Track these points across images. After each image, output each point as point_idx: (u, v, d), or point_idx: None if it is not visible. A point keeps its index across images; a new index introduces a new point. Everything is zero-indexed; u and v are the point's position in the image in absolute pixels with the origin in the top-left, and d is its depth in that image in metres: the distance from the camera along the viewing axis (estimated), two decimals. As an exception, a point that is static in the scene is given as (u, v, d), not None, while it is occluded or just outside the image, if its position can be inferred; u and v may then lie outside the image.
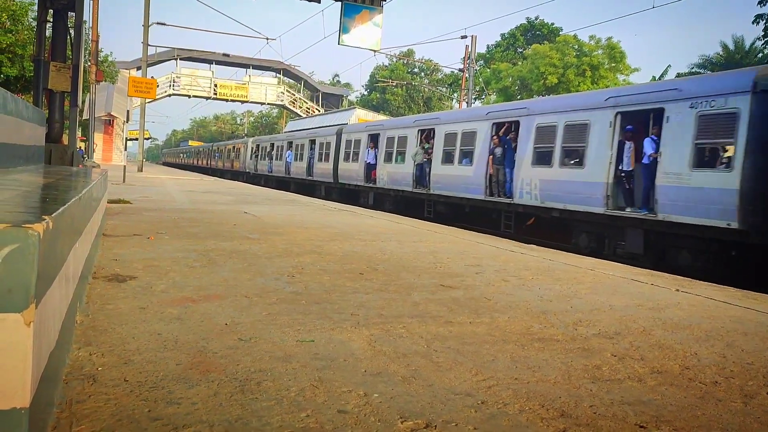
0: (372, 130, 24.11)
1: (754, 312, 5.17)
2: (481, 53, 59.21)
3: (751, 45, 42.55)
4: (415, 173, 19.68)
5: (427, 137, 19.64)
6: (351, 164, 24.97)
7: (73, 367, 2.87)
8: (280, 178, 35.40)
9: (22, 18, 26.36)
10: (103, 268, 5.34)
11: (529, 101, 17.82)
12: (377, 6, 19.53)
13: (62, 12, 12.78)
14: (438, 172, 18.48)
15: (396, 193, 21.28)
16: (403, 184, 20.47)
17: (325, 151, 27.84)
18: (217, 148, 59.19)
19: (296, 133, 34.68)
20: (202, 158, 66.49)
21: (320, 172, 28.42)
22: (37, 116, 9.23)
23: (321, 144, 28.61)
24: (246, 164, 44.12)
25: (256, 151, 41.32)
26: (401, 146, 21.07)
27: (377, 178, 22.52)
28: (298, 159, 32.04)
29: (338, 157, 26.24)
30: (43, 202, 3.11)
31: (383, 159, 22.21)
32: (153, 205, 12.47)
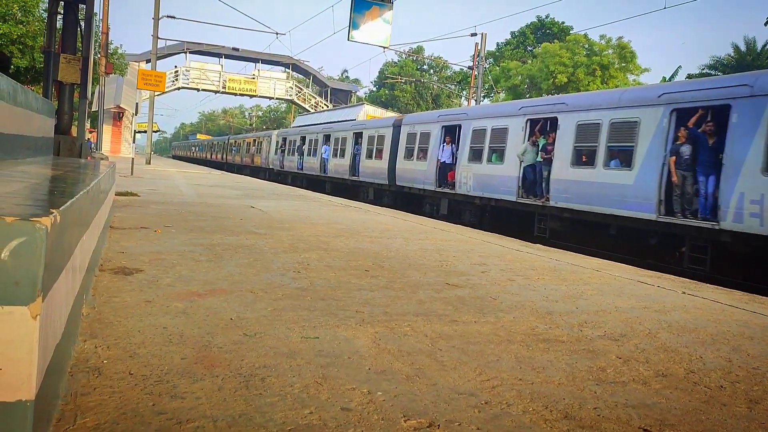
0: (448, 120, 19.20)
1: (761, 316, 5.15)
2: (490, 51, 59.09)
3: (763, 47, 42.30)
4: (523, 177, 14.99)
5: (542, 129, 15.00)
6: (415, 163, 20.18)
7: (79, 360, 2.88)
8: (313, 177, 30.69)
9: (33, 9, 26.45)
10: (109, 261, 5.37)
11: None
12: (387, 2, 19.51)
13: (73, 4, 12.80)
14: (564, 176, 13.56)
15: (486, 201, 16.49)
16: (501, 191, 15.70)
17: (377, 147, 23.23)
18: (234, 142, 54.98)
19: (335, 125, 30.23)
20: (216, 152, 62.87)
21: (369, 171, 23.79)
22: (46, 108, 9.26)
23: (370, 138, 23.90)
24: (269, 160, 40.00)
25: (282, 145, 37.06)
26: (497, 141, 16.22)
27: (457, 181, 17.61)
28: (338, 155, 27.18)
29: (396, 153, 21.57)
30: (51, 194, 3.12)
31: (467, 157, 17.28)
32: (160, 198, 12.51)
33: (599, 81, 46.78)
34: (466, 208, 17.73)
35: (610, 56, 47.97)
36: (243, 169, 47.93)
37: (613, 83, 46.54)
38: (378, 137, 23.29)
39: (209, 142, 73.33)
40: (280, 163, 36.94)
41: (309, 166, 31.48)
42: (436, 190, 18.87)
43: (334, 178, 27.96)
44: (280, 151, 37.34)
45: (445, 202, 18.51)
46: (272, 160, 39.25)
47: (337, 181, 27.52)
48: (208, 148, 71.06)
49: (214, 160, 62.17)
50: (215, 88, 57.36)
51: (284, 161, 36.34)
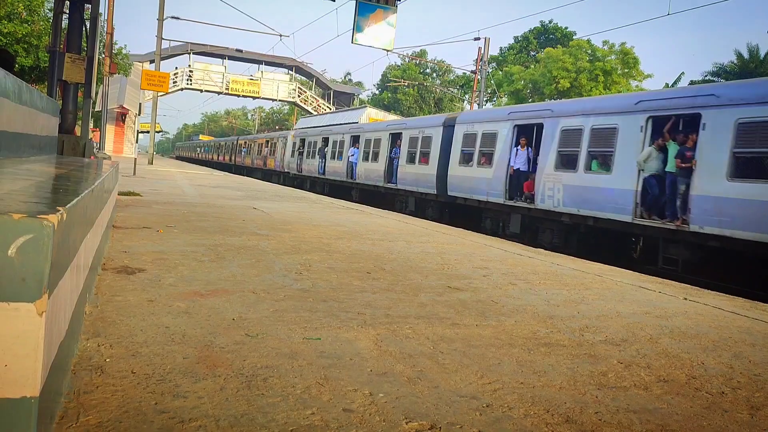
0: (523, 117, 15.69)
1: (763, 323, 5.14)
2: (493, 55, 59.18)
3: (766, 54, 42.29)
4: (644, 191, 11.77)
5: (673, 130, 11.56)
6: (475, 169, 16.91)
7: (82, 358, 2.89)
8: (338, 183, 27.67)
9: (39, 9, 26.52)
10: (112, 260, 5.38)
11: None
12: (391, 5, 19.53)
13: (78, 4, 12.82)
14: (714, 192, 10.30)
15: (580, 220, 13.23)
16: (607, 207, 12.40)
17: (421, 150, 20.04)
18: (244, 143, 51.81)
19: (365, 125, 27.63)
20: (224, 153, 59.62)
21: (410, 178, 20.63)
22: (51, 107, 9.28)
23: (412, 139, 20.78)
24: (285, 163, 36.73)
25: (300, 146, 33.84)
26: (600, 144, 12.92)
27: (538, 193, 14.22)
28: (370, 159, 24.01)
29: (447, 157, 18.33)
30: (56, 192, 3.14)
31: (553, 164, 13.95)
32: (163, 199, 12.53)
33: (602, 87, 46.80)
34: (547, 226, 14.22)
35: (612, 62, 47.99)
36: (254, 172, 44.82)
37: (615, 89, 46.55)
38: (423, 139, 20.10)
39: (216, 143, 70.23)
40: (298, 167, 33.95)
41: (333, 170, 28.26)
42: (504, 203, 15.52)
43: (364, 185, 24.66)
44: (297, 154, 34.23)
45: (517, 218, 15.15)
46: (288, 163, 36.06)
47: (368, 189, 24.38)
48: (214, 149, 67.98)
49: (222, 161, 59.45)
50: (218, 89, 57.42)
51: (302, 164, 33.27)
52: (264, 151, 43.37)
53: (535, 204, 14.33)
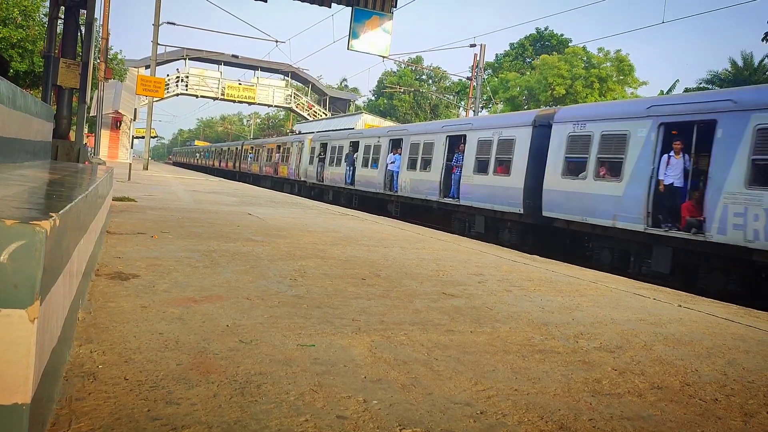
0: (673, 113, 11.59)
1: (756, 330, 5.16)
2: (489, 62, 59.36)
3: (760, 62, 42.52)
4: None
5: None
6: (592, 183, 12.76)
7: (74, 364, 2.87)
8: (372, 195, 23.60)
9: (34, 14, 26.52)
10: (106, 266, 5.36)
11: None
12: (387, 12, 19.57)
13: (74, 9, 12.84)
14: None
15: None
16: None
17: (497, 156, 15.93)
18: (250, 148, 46.90)
19: (411, 127, 23.34)
20: (227, 160, 55.03)
21: (481, 192, 16.39)
22: (45, 112, 9.26)
23: (482, 143, 16.63)
24: (300, 170, 32.57)
25: (321, 152, 29.42)
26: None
27: (711, 219, 10.22)
28: (419, 167, 19.89)
29: (541, 166, 14.20)
30: (49, 198, 3.12)
31: (743, 177, 9.83)
32: (157, 204, 12.50)
33: (597, 94, 46.98)
34: (723, 267, 10.41)
35: (608, 69, 48.18)
36: (262, 180, 40.76)
37: (611, 96, 46.74)
38: (500, 142, 15.96)
39: (217, 148, 64.04)
40: (318, 175, 29.50)
41: (365, 180, 23.96)
42: (644, 231, 11.42)
43: (408, 199, 20.61)
44: (317, 160, 29.73)
45: (665, 253, 11.22)
46: (305, 171, 31.65)
47: (414, 203, 20.49)
48: (216, 154, 62.47)
49: (224, 168, 54.87)
50: (214, 95, 57.48)
51: (325, 173, 28.75)
52: (275, 157, 38.63)
53: (705, 234, 10.21)
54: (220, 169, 56.23)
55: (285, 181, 35.96)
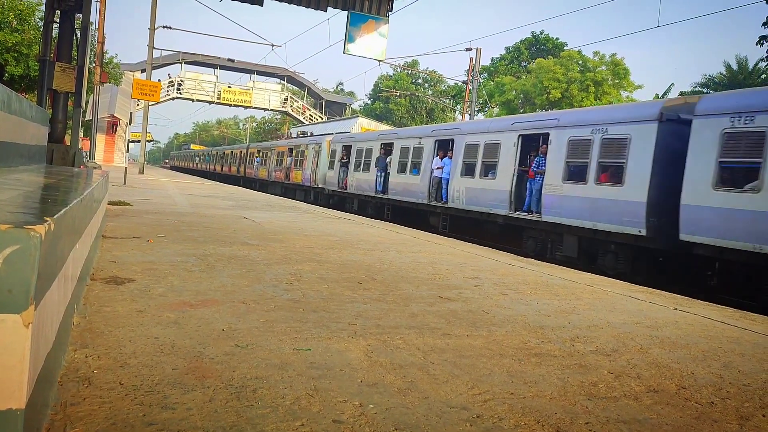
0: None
1: (752, 333, 5.17)
2: (485, 66, 59.51)
3: (754, 66, 42.71)
4: None
5: None
6: None
7: (69, 369, 2.86)
8: (411, 206, 20.39)
9: (29, 18, 26.46)
10: (101, 270, 5.34)
11: None
12: (383, 16, 19.60)
13: (69, 13, 12.83)
14: None
15: None
16: None
17: (602, 161, 12.59)
18: (257, 152, 43.35)
19: (464, 126, 19.36)
20: (230, 164, 51.67)
21: (573, 205, 13.07)
22: (40, 116, 9.24)
23: (574, 144, 13.30)
24: (318, 176, 29.40)
25: (344, 156, 26.22)
26: None
27: None
28: (478, 173, 16.50)
29: (671, 175, 11.20)
30: (44, 203, 3.12)
31: None
32: (153, 208, 12.48)
33: (593, 97, 47.13)
34: None
35: (603, 72, 48.34)
36: (270, 187, 37.31)
37: (606, 99, 46.88)
38: (603, 143, 12.57)
39: (220, 152, 59.45)
40: (340, 182, 26.26)
41: (401, 188, 20.75)
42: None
43: (463, 211, 17.14)
44: (339, 165, 26.47)
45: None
46: (324, 177, 28.41)
47: (471, 217, 16.95)
48: (217, 158, 58.58)
49: (227, 173, 51.58)
50: (210, 99, 57.40)
51: (349, 179, 25.32)
52: (286, 161, 35.03)
53: None
54: (222, 174, 52.82)
55: (298, 187, 32.52)
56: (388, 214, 21.85)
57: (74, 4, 12.60)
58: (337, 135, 30.53)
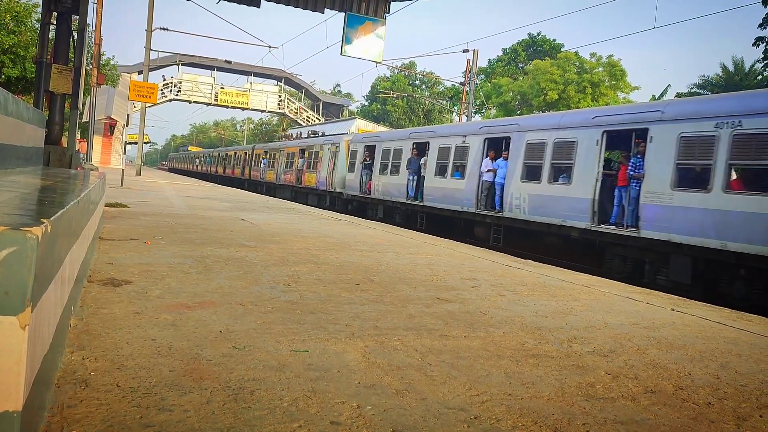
0: None
1: (748, 333, 5.18)
2: (482, 67, 59.54)
3: (750, 67, 42.82)
4: None
5: None
6: None
7: (66, 371, 2.86)
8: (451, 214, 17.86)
9: (26, 19, 26.45)
10: (98, 272, 5.33)
11: None
12: (380, 18, 19.62)
13: (66, 15, 12.82)
14: None
15: None
16: None
17: (733, 162, 10.11)
18: (263, 153, 40.04)
19: (523, 121, 16.61)
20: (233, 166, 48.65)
21: (690, 219, 10.51)
22: (37, 118, 9.23)
23: (685, 142, 10.92)
24: (335, 179, 26.41)
25: (367, 157, 23.38)
26: None
27: None
28: (545, 178, 13.97)
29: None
30: (41, 204, 3.11)
31: None
32: (150, 210, 12.46)
33: (590, 98, 47.22)
34: None
35: (600, 74, 48.44)
36: (279, 191, 34.48)
37: (603, 101, 46.98)
38: (736, 141, 10.03)
39: (221, 153, 55.96)
40: (362, 186, 23.53)
41: (440, 194, 17.99)
42: None
43: (523, 222, 14.54)
44: (362, 167, 23.61)
45: None
46: (342, 180, 25.54)
47: (531, 229, 14.43)
48: (219, 160, 55.07)
49: (230, 176, 48.99)
50: (207, 101, 57.39)
51: (374, 183, 22.62)
52: (297, 163, 32.07)
53: None
54: (225, 177, 50.07)
55: (311, 192, 29.34)
56: (421, 223, 19.25)
57: (71, 6, 12.60)
58: (358, 134, 27.57)
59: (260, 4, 17.44)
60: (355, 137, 26.00)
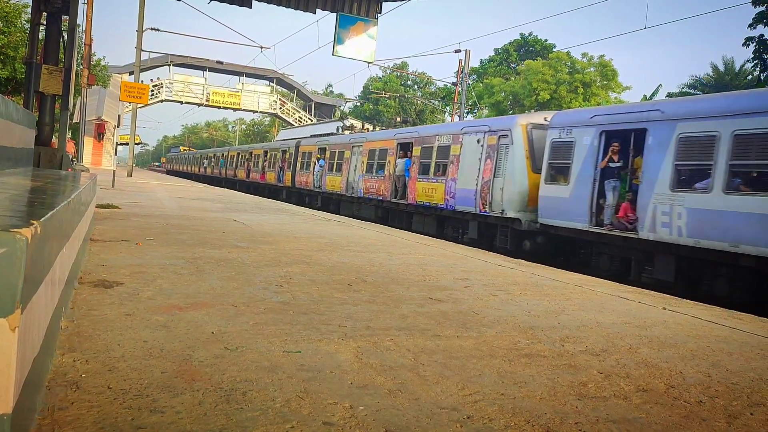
0: None
1: (739, 332, 5.20)
2: (474, 67, 59.61)
3: (741, 67, 43.09)
4: None
5: None
6: None
7: (57, 374, 2.84)
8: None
9: (15, 20, 26.28)
10: (89, 274, 5.30)
11: None
12: (372, 18, 19.63)
13: (56, 15, 12.75)
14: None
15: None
16: None
17: None
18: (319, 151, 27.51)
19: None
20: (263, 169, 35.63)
21: None
22: (27, 119, 9.18)
23: None
24: (500, 195, 14.46)
25: (614, 155, 11.85)
26: None
27: None
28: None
29: None
30: (31, 206, 3.09)
31: None
32: (142, 211, 12.41)
33: (581, 99, 47.37)
34: None
35: (592, 74, 48.61)
36: (354, 206, 22.93)
37: (594, 101, 47.15)
38: None
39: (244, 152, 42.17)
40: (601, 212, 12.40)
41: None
42: None
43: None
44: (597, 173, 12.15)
45: None
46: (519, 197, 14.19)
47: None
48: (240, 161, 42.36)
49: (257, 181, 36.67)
50: (199, 101, 57.24)
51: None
52: (393, 165, 20.00)
53: None
54: (246, 182, 38.54)
55: (433, 214, 17.55)
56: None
57: (61, 6, 12.53)
58: (569, 113, 16.20)
59: (252, 5, 17.42)
60: (558, 118, 13.95)
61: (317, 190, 26.87)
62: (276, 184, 32.98)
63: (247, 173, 38.87)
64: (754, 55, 31.24)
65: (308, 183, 28.04)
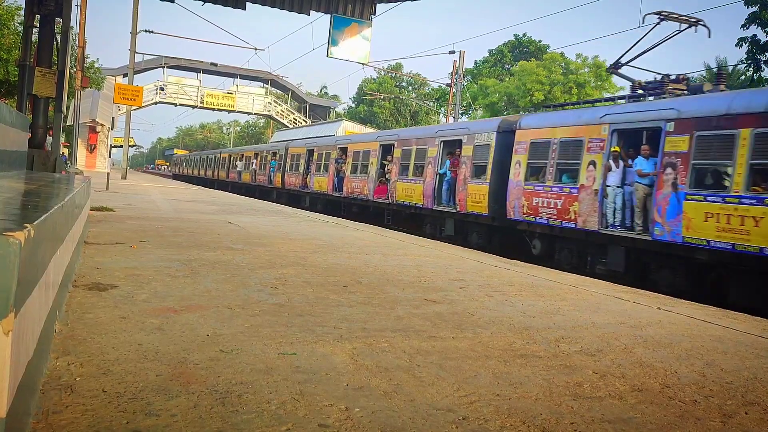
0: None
1: (733, 331, 5.22)
2: (468, 69, 59.66)
3: (734, 67, 43.25)
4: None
5: None
6: None
7: (51, 377, 2.83)
8: None
9: (8, 22, 26.16)
10: (83, 277, 5.29)
11: None
12: (366, 19, 19.62)
13: (49, 17, 12.71)
14: None
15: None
16: None
17: None
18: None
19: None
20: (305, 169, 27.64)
21: None
22: (20, 121, 9.15)
23: None
24: None
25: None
26: None
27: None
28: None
29: None
30: (24, 208, 3.08)
31: None
32: (136, 214, 12.38)
33: (575, 99, 47.44)
34: None
35: (585, 75, 48.72)
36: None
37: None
38: None
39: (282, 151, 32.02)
40: None
41: None
42: None
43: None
44: None
45: None
46: None
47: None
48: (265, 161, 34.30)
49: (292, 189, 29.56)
50: (193, 103, 57.09)
51: None
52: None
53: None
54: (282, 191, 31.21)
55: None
56: None
57: (54, 9, 12.49)
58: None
59: (245, 6, 17.37)
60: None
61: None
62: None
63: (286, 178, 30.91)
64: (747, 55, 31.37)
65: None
